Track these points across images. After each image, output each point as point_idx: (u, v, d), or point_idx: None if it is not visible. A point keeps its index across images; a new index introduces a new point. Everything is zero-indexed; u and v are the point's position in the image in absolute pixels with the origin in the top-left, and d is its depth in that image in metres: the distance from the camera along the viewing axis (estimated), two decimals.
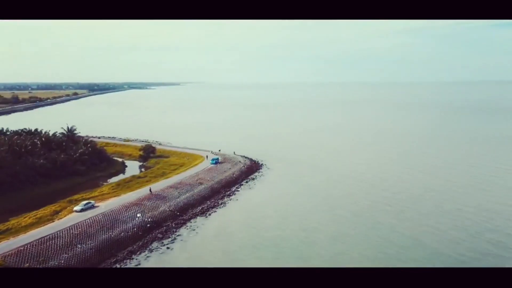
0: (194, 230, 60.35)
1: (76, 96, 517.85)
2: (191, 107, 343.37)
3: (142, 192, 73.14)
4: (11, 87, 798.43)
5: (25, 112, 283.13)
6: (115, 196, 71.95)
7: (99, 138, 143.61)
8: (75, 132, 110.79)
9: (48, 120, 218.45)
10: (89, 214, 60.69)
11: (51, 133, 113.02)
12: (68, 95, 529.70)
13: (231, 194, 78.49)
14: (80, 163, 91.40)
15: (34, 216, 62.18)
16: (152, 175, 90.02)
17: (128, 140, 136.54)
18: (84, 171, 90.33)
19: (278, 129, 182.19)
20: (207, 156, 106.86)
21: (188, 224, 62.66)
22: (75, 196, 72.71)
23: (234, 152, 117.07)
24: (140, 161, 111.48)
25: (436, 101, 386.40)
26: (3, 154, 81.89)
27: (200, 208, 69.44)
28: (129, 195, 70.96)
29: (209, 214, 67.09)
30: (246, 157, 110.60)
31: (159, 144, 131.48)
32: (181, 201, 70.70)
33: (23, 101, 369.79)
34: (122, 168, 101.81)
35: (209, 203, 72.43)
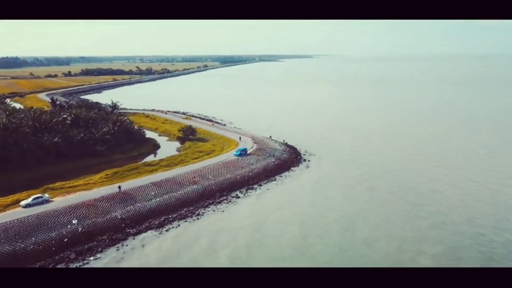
0: (124, 252, 45.81)
1: (203, 68, 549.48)
2: (297, 81, 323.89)
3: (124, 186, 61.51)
4: (161, 60, 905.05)
5: (144, 83, 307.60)
6: (89, 189, 62.23)
7: (165, 113, 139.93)
8: (120, 106, 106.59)
9: (145, 93, 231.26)
10: (26, 212, 51.76)
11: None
12: (199, 67, 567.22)
13: (225, 201, 60.72)
14: (101, 143, 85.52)
15: None
16: (164, 163, 78.12)
17: (188, 118, 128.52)
18: (103, 152, 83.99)
19: (383, 114, 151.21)
20: (240, 138, 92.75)
21: (128, 241, 48.30)
22: (57, 184, 65.74)
23: (283, 140, 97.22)
24: (180, 143, 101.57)
25: None
26: (25, 130, 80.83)
27: (164, 218, 54.14)
28: (96, 191, 60.19)
29: (167, 230, 51.28)
30: (291, 148, 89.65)
31: (214, 124, 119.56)
32: (148, 205, 56.60)
33: (154, 72, 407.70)
34: (151, 149, 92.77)
35: (183, 212, 56.50)
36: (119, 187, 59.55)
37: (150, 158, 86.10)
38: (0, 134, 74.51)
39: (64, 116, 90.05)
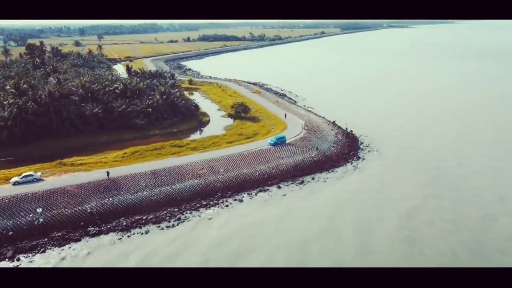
0: (63, 259, 38.94)
1: (320, 35, 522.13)
2: (425, 53, 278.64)
3: (121, 170, 55.42)
4: (283, 26, 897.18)
5: (250, 50, 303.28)
6: (89, 170, 57.54)
7: (239, 84, 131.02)
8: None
9: (242, 60, 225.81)
10: (10, 191, 48.93)
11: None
12: (316, 34, 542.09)
13: (223, 204, 49.25)
14: (143, 116, 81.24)
15: None
16: (192, 146, 69.85)
17: (257, 92, 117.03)
18: (142, 125, 79.62)
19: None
20: (285, 115, 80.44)
21: (81, 243, 41.34)
22: (72, 159, 63.05)
23: (347, 128, 79.35)
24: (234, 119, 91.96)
25: None
26: (73, 99, 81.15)
27: (136, 219, 45.62)
28: (92, 174, 54.85)
29: (129, 236, 42.76)
30: (350, 139, 71.76)
31: (279, 100, 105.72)
32: (129, 199, 48.77)
33: (265, 39, 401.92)
34: (194, 126, 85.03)
35: (163, 213, 47.13)
36: (108, 173, 53.06)
37: (194, 136, 78.49)
38: (44, 102, 75.58)
39: (116, 85, 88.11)
